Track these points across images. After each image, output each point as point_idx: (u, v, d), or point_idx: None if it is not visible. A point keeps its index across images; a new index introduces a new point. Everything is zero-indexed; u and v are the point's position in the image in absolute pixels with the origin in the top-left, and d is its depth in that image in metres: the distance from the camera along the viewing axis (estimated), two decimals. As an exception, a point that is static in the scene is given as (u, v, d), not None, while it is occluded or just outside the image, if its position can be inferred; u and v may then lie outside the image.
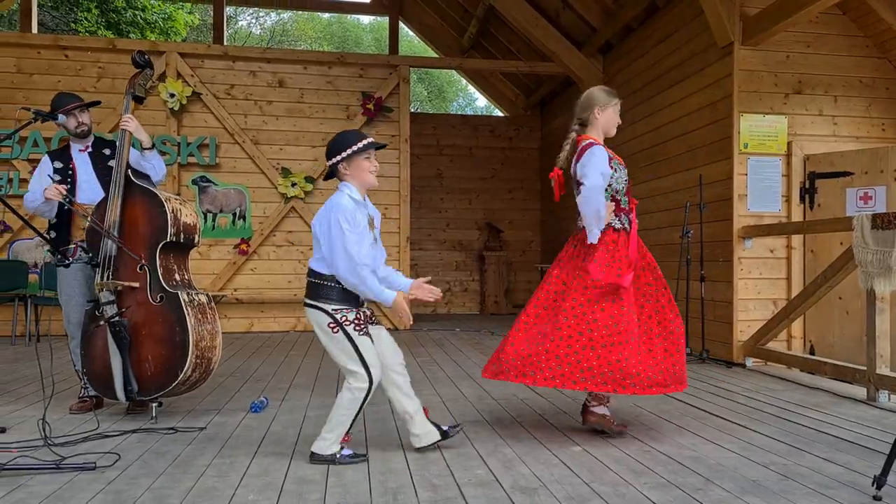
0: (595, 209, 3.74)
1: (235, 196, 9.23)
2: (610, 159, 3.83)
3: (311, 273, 3.33)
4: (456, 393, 5.08)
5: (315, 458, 3.29)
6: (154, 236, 4.17)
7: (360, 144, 3.31)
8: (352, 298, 3.30)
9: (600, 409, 3.85)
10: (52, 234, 4.45)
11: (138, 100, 4.58)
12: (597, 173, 3.74)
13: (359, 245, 3.21)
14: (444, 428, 3.52)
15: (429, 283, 3.48)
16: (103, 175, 4.48)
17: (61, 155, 4.54)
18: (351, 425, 3.30)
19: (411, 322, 3.49)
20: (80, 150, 4.56)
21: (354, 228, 3.22)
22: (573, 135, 4.01)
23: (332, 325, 3.26)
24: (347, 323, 3.26)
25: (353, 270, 3.19)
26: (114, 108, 8.48)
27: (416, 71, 26.12)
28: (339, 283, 3.27)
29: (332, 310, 3.27)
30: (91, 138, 4.60)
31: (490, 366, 3.90)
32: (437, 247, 12.43)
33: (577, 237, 3.97)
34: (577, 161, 3.90)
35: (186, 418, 4.24)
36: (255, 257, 9.27)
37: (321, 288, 3.29)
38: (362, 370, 3.25)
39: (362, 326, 3.30)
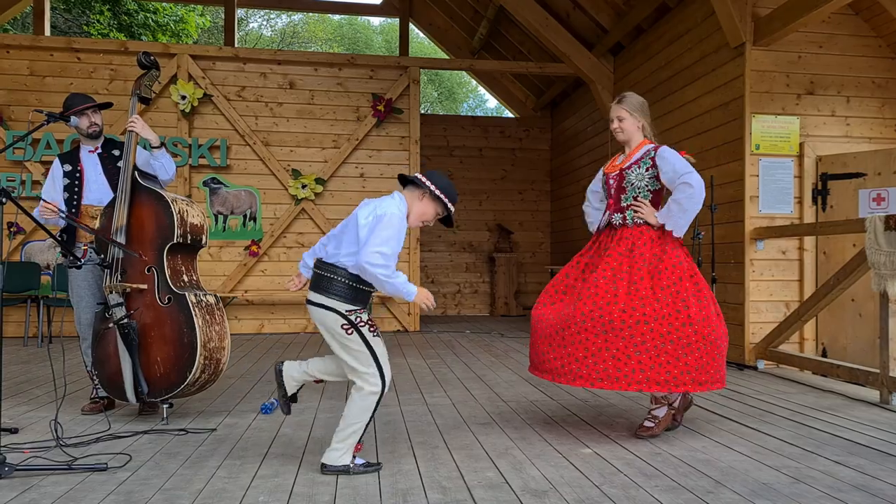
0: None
1: (246, 198, 9.26)
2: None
3: (323, 266, 3.20)
4: (466, 395, 5.08)
5: (327, 470, 3.17)
6: (161, 238, 4.18)
7: (449, 204, 3.29)
8: (364, 298, 3.22)
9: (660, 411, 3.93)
10: (64, 237, 4.48)
11: (144, 101, 4.60)
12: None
13: (397, 246, 3.14)
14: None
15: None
16: (112, 175, 4.50)
17: (70, 157, 4.57)
18: (363, 433, 3.21)
19: (435, 305, 3.32)
20: (89, 152, 4.58)
21: (399, 233, 3.16)
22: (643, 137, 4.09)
23: (346, 327, 3.15)
24: (362, 324, 3.18)
25: (386, 264, 3.06)
26: (125, 110, 8.52)
27: (427, 72, 26.16)
28: (350, 280, 3.15)
29: (347, 311, 3.16)
30: (102, 139, 4.63)
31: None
32: (448, 248, 12.43)
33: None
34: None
35: (197, 420, 4.26)
36: (266, 259, 9.30)
37: (332, 283, 3.15)
38: (376, 372, 3.17)
39: (375, 328, 3.24)
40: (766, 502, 2.83)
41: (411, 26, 11.96)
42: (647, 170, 3.92)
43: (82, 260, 4.21)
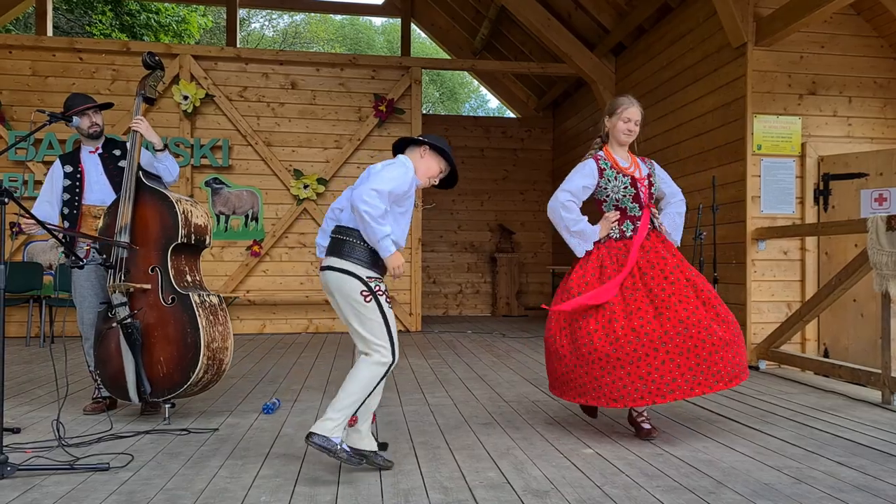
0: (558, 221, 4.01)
1: (248, 198, 9.27)
2: (602, 170, 3.96)
3: (342, 230, 3.15)
4: (467, 395, 5.08)
5: (313, 441, 2.99)
6: (165, 238, 4.18)
7: (449, 154, 3.39)
8: (380, 264, 3.14)
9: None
10: (67, 237, 4.48)
11: (149, 101, 4.59)
12: (568, 185, 3.99)
13: (398, 190, 3.12)
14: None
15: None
16: (114, 176, 4.50)
17: (71, 158, 4.57)
18: (358, 408, 3.09)
19: (401, 275, 3.23)
20: (90, 152, 4.58)
21: (400, 179, 3.14)
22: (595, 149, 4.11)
23: (365, 294, 3.06)
24: (381, 293, 3.11)
25: (375, 205, 3.00)
26: (128, 111, 8.52)
27: (428, 72, 26.15)
28: (366, 242, 3.09)
29: (367, 277, 3.08)
30: (103, 139, 4.63)
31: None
32: (449, 248, 12.43)
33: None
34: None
35: (199, 419, 4.26)
36: (268, 259, 9.30)
37: (354, 248, 3.09)
38: (388, 345, 3.10)
39: (390, 300, 3.19)
40: (768, 503, 2.83)
41: (413, 26, 11.97)
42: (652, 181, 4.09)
43: (84, 260, 4.21)
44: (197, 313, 4.04)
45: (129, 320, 4.05)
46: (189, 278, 4.30)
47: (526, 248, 12.59)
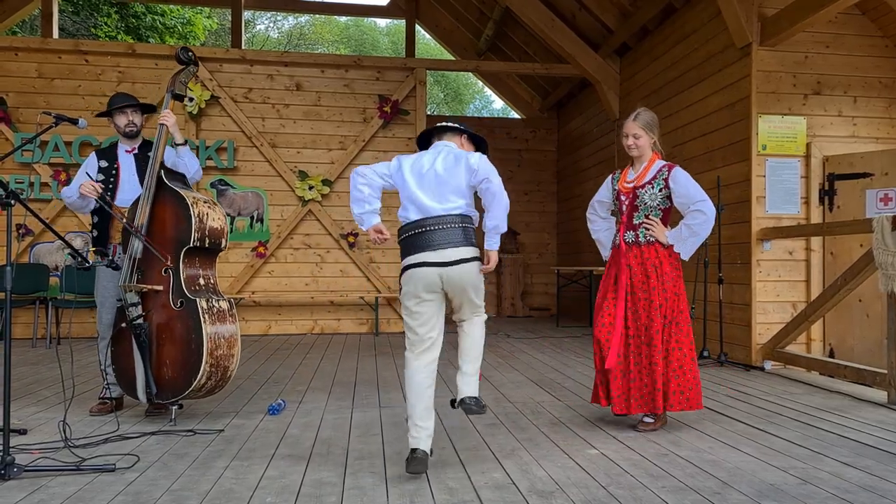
0: None
1: (253, 199, 9.29)
2: (612, 184, 4.29)
3: (457, 218, 3.30)
4: (472, 396, 5.08)
5: (471, 404, 3.29)
6: (178, 240, 4.18)
7: (483, 147, 3.64)
8: None
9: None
10: (95, 234, 4.48)
11: (178, 97, 4.58)
12: (592, 199, 4.46)
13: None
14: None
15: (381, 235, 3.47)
16: (144, 177, 4.50)
17: (108, 154, 4.57)
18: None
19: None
20: (126, 151, 4.58)
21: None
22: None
23: (481, 269, 3.36)
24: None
25: None
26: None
27: (433, 73, 26.14)
28: (473, 225, 3.37)
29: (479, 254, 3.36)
30: (139, 140, 4.63)
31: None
32: (454, 249, 12.40)
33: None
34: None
35: (205, 420, 4.27)
36: (273, 260, 9.32)
37: (471, 233, 3.34)
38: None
39: None
40: (774, 503, 2.83)
41: (417, 28, 11.98)
42: (660, 190, 4.03)
43: (101, 261, 4.22)
44: (202, 319, 4.03)
45: (138, 321, 4.07)
46: (202, 282, 4.29)
47: (531, 248, 12.59)
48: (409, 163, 3.42)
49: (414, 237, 3.29)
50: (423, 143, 3.63)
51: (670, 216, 4.12)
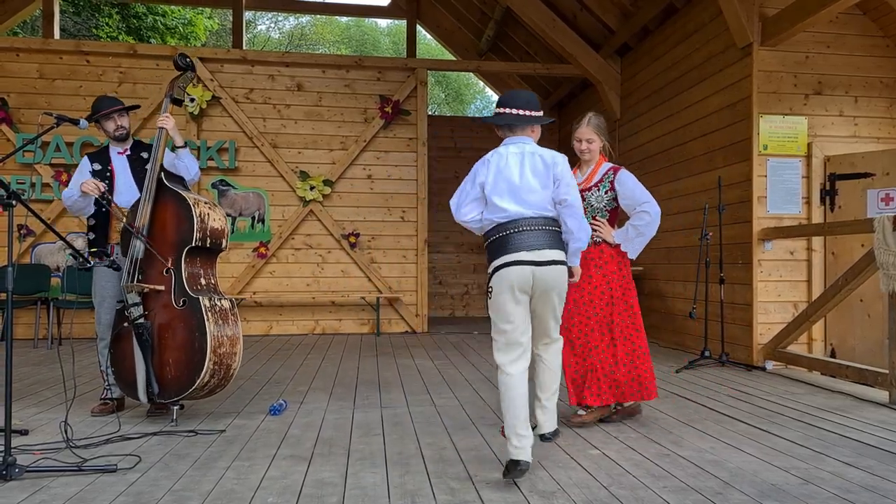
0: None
1: (254, 199, 9.30)
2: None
3: (552, 221, 3.24)
4: (474, 396, 5.09)
5: (555, 434, 3.41)
6: (180, 240, 4.20)
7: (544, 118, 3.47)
8: None
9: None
10: (92, 236, 4.49)
11: (177, 102, 4.60)
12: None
13: None
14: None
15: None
16: (141, 178, 4.49)
17: (100, 157, 4.58)
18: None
19: None
20: (118, 153, 4.59)
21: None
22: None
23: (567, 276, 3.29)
24: None
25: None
26: (134, 113, 8.55)
27: (434, 74, 26.12)
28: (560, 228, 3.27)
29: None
30: (130, 141, 4.64)
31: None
32: (455, 250, 12.42)
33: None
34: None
35: (206, 421, 4.28)
36: (274, 260, 9.32)
37: (560, 237, 3.26)
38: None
39: None
40: None
41: (418, 28, 11.98)
42: (605, 192, 4.18)
43: (100, 261, 4.23)
44: (206, 318, 4.05)
45: (140, 320, 4.07)
46: (203, 281, 4.30)
47: (532, 248, 12.54)
48: (493, 171, 3.26)
49: (505, 238, 3.17)
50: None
51: (617, 217, 4.24)
